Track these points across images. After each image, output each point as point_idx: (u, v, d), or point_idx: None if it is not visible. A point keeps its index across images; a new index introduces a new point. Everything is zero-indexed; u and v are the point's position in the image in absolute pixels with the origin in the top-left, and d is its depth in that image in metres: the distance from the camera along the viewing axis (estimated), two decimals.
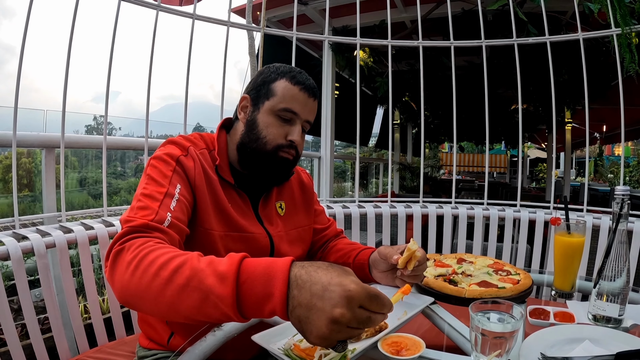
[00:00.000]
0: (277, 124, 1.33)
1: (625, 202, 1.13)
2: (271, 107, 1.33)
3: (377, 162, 11.10)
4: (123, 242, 0.99)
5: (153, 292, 0.88)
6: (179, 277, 0.86)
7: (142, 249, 0.94)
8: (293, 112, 1.33)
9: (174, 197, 1.16)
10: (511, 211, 2.71)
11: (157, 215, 1.09)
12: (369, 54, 5.81)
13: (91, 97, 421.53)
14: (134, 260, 0.92)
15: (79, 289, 2.78)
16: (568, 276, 1.38)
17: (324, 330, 0.74)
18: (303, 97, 1.34)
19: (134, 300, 0.93)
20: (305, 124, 1.39)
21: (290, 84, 1.34)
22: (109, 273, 0.97)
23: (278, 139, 1.33)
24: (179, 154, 1.26)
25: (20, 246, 1.65)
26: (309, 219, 1.60)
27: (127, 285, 0.92)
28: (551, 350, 0.96)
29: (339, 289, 0.75)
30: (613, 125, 11.12)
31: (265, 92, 1.35)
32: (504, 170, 22.12)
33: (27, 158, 9.47)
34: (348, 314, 0.74)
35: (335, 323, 0.74)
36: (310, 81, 1.38)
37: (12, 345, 1.59)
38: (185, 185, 1.23)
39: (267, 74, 1.38)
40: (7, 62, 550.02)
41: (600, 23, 2.90)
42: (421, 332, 1.01)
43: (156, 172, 1.21)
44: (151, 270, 0.89)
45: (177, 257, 0.89)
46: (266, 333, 0.99)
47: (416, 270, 1.26)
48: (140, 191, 1.17)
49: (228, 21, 2.62)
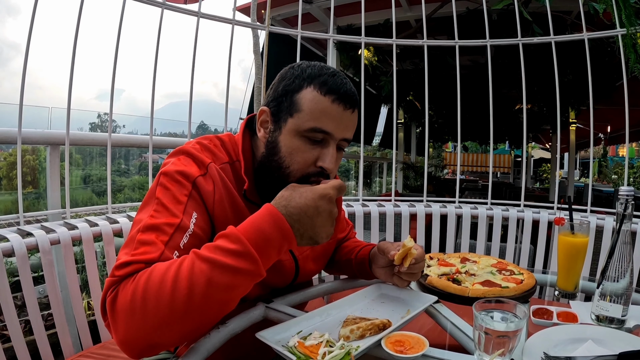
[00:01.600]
0: (304, 148, 1.07)
1: (630, 203, 1.13)
2: (296, 128, 1.06)
3: (381, 162, 11.08)
4: (114, 287, 0.87)
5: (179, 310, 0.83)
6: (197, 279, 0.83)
7: (137, 281, 0.85)
8: (325, 132, 1.06)
9: (187, 230, 0.97)
10: (515, 211, 2.70)
11: (161, 257, 0.91)
12: (374, 53, 5.80)
13: (95, 94, 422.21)
14: (136, 295, 0.83)
15: (83, 285, 2.79)
16: (571, 276, 1.38)
17: (330, 229, 1.00)
18: (338, 111, 1.06)
19: (156, 335, 0.84)
20: (342, 142, 1.11)
21: (319, 94, 1.05)
22: (113, 327, 0.85)
23: (305, 168, 1.08)
24: (197, 174, 1.04)
25: (25, 242, 1.65)
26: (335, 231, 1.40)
27: (140, 324, 0.83)
28: (554, 349, 0.96)
29: (312, 193, 0.97)
30: (617, 126, 11.10)
31: (287, 106, 1.08)
32: (508, 171, 22.07)
33: (31, 155, 9.50)
34: (329, 206, 0.98)
35: (330, 215, 0.98)
36: (348, 86, 1.09)
37: (16, 341, 1.60)
38: (202, 214, 1.03)
39: (289, 80, 1.10)
40: (12, 59, 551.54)
41: (606, 23, 2.89)
42: (424, 331, 1.01)
43: (168, 196, 1.00)
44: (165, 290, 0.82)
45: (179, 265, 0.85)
46: (270, 330, 0.99)
47: (412, 268, 1.22)
48: (148, 219, 0.96)
49: (233, 19, 2.62)
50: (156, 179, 1.05)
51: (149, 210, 0.98)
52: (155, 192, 1.01)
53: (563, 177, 13.01)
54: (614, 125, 11.47)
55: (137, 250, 0.91)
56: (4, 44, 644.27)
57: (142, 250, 0.91)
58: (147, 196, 1.04)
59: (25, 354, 1.62)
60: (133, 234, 0.95)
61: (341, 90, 1.06)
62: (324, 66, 1.11)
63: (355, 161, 11.43)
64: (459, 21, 2.92)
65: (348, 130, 1.10)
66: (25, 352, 1.62)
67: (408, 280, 1.28)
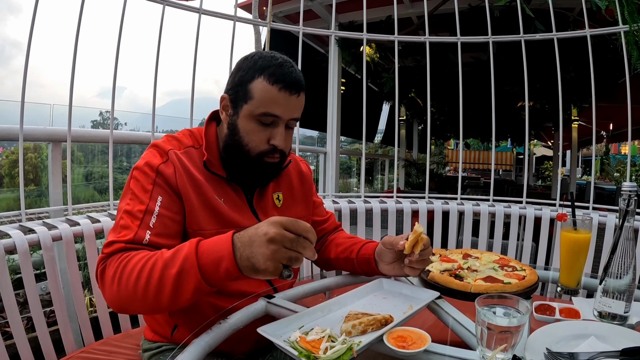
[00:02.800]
0: (258, 129, 1.26)
1: (632, 199, 1.12)
2: (250, 113, 1.25)
3: (382, 159, 11.08)
4: (104, 261, 1.11)
5: (139, 293, 1.04)
6: (154, 273, 1.03)
7: (120, 261, 1.08)
8: (274, 116, 1.24)
9: (153, 212, 1.17)
10: (517, 208, 2.70)
11: (135, 236, 1.13)
12: (375, 49, 5.79)
13: (97, 92, 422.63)
14: (116, 273, 1.06)
15: (85, 282, 2.79)
16: (574, 272, 1.38)
17: (266, 251, 0.94)
18: (284, 97, 1.24)
19: (125, 306, 1.10)
20: (291, 122, 1.30)
21: (268, 83, 1.22)
22: (101, 289, 1.11)
23: (260, 146, 1.27)
24: (159, 162, 1.24)
25: (27, 239, 1.66)
26: (307, 211, 1.57)
27: (116, 295, 1.07)
28: (557, 345, 0.96)
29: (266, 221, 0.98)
30: (620, 124, 11.07)
31: (243, 94, 1.25)
32: (510, 168, 22.05)
33: (33, 153, 9.52)
34: (278, 232, 0.95)
35: (271, 242, 0.95)
36: (293, 75, 1.25)
37: (18, 338, 1.60)
38: (168, 195, 1.22)
39: (244, 71, 1.27)
40: (14, 57, 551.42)
41: (608, 20, 2.88)
42: (427, 327, 1.01)
43: (138, 187, 1.21)
44: (132, 277, 1.04)
45: (149, 258, 1.06)
46: (272, 325, 0.99)
47: (423, 255, 1.24)
48: (124, 207, 1.19)
49: (234, 16, 2.62)
50: (130, 173, 1.26)
51: (126, 200, 1.21)
52: (129, 184, 1.23)
53: (565, 175, 13.00)
54: (616, 123, 11.43)
55: (119, 233, 1.15)
56: (6, 42, 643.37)
57: (122, 234, 1.14)
58: (125, 188, 1.26)
59: (27, 350, 1.62)
60: (117, 220, 1.20)
61: (287, 79, 1.23)
62: (274, 57, 1.27)
63: (357, 158, 11.43)
64: (461, 18, 2.91)
65: (295, 112, 1.29)
66: (27, 348, 1.62)
67: (420, 268, 1.29)
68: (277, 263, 0.95)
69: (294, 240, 0.97)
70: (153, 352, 1.41)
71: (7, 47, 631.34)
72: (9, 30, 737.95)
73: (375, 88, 7.74)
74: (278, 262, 0.95)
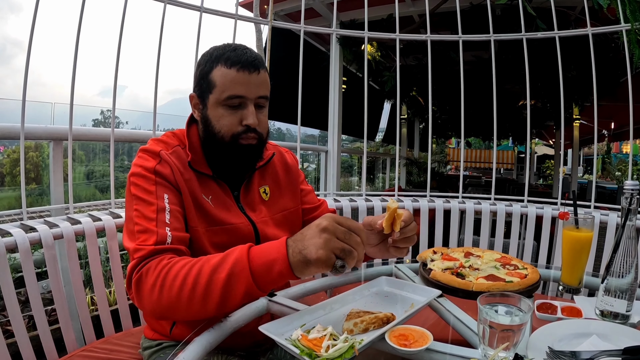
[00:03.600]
0: (226, 113, 1.28)
1: (635, 197, 1.12)
2: (216, 100, 1.28)
3: (384, 157, 11.09)
4: (139, 270, 1.09)
5: (184, 299, 1.03)
6: (201, 278, 1.02)
7: (160, 269, 1.06)
8: (239, 97, 1.27)
9: (165, 209, 1.18)
10: (518, 206, 2.69)
11: (158, 236, 1.13)
12: (377, 48, 5.80)
13: (98, 91, 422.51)
14: (157, 281, 1.05)
15: (86, 281, 2.79)
16: (576, 271, 1.37)
17: (318, 240, 0.95)
18: (243, 77, 1.26)
19: (167, 313, 1.09)
20: (260, 100, 1.31)
21: (226, 68, 1.26)
22: (137, 299, 1.10)
23: (233, 128, 1.29)
24: (154, 164, 1.25)
25: (28, 237, 1.65)
26: (295, 201, 1.57)
27: (157, 304, 1.06)
28: (559, 344, 0.95)
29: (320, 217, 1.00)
30: (621, 123, 11.07)
31: (206, 86, 1.30)
32: (511, 167, 22.02)
33: (34, 152, 9.53)
34: (331, 223, 0.97)
35: (324, 231, 0.96)
36: (247, 55, 1.28)
37: (20, 336, 1.60)
38: (171, 191, 1.23)
39: (203, 65, 1.31)
40: (15, 56, 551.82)
41: (610, 18, 2.88)
42: (428, 325, 1.01)
43: (140, 190, 1.21)
44: (177, 283, 1.03)
45: (194, 264, 1.05)
46: (274, 324, 0.99)
47: (405, 232, 1.24)
48: (134, 213, 1.18)
49: (236, 14, 2.62)
50: (127, 181, 1.26)
51: (132, 206, 1.20)
52: (131, 191, 1.23)
53: (567, 174, 13.00)
54: (617, 122, 11.43)
55: (139, 239, 1.13)
56: (7, 41, 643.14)
57: (143, 238, 1.13)
58: (126, 197, 1.27)
59: (28, 349, 1.62)
60: (131, 228, 1.18)
61: (242, 59, 1.26)
62: (227, 45, 1.32)
63: (358, 157, 11.44)
64: (463, 16, 2.91)
65: (259, 90, 1.30)
66: (28, 347, 1.62)
67: (406, 247, 1.28)
68: (329, 252, 0.95)
69: (347, 233, 0.98)
70: (153, 349, 1.42)
71: (9, 46, 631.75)
72: (10, 29, 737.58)
73: (376, 86, 7.75)
74: (331, 252, 0.95)
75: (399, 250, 1.28)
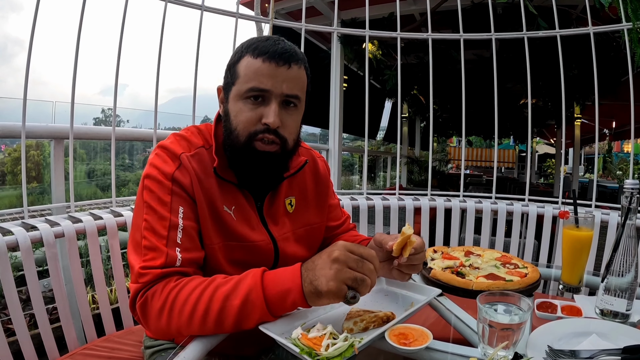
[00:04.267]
0: (246, 108, 1.13)
1: (635, 196, 1.12)
2: (238, 92, 1.14)
3: (385, 156, 11.08)
4: (144, 293, 1.04)
5: (195, 325, 1.00)
6: (214, 304, 0.98)
7: (167, 293, 1.01)
8: (261, 90, 1.12)
9: (178, 227, 1.09)
10: (519, 205, 2.69)
11: (167, 258, 1.05)
12: (378, 46, 5.78)
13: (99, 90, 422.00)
14: (164, 306, 1.01)
15: (87, 279, 2.80)
16: (576, 270, 1.38)
17: (329, 271, 0.93)
18: (269, 68, 1.11)
19: (176, 335, 1.07)
20: (288, 98, 1.15)
21: (252, 58, 1.12)
22: (143, 322, 1.06)
23: (250, 126, 1.14)
24: (173, 169, 1.13)
25: (29, 236, 1.66)
26: (321, 217, 1.44)
27: (166, 328, 1.02)
28: (559, 343, 0.96)
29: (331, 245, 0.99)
30: (623, 122, 11.04)
31: (231, 77, 1.17)
32: (512, 166, 22.01)
33: (35, 151, 9.53)
34: (342, 253, 0.95)
35: (335, 261, 0.94)
36: (280, 45, 1.14)
37: (21, 335, 1.61)
38: (187, 204, 1.13)
39: (233, 55, 1.20)
40: (17, 55, 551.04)
41: (611, 17, 2.87)
42: (428, 324, 1.01)
43: (154, 199, 1.10)
44: (187, 309, 0.99)
45: (205, 288, 1.00)
46: (274, 323, 0.99)
47: (412, 260, 1.15)
48: (143, 224, 1.09)
49: (237, 13, 2.62)
50: (141, 182, 1.15)
51: (142, 215, 1.11)
52: (143, 196, 1.13)
53: (568, 173, 12.98)
54: (619, 121, 11.40)
55: (146, 257, 1.06)
56: (8, 40, 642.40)
57: (150, 256, 1.06)
58: (137, 200, 1.16)
59: (30, 347, 1.63)
60: (138, 240, 1.10)
61: (271, 50, 1.12)
62: (260, 36, 1.22)
63: (359, 155, 11.43)
64: (464, 15, 2.91)
65: (289, 84, 1.14)
66: (30, 345, 1.63)
67: (409, 274, 1.21)
68: (340, 284, 0.92)
69: (359, 261, 0.95)
70: (155, 349, 1.41)
71: (10, 45, 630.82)
72: (11, 28, 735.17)
73: (377, 85, 7.73)
74: (342, 283, 0.93)
75: (402, 274, 1.20)
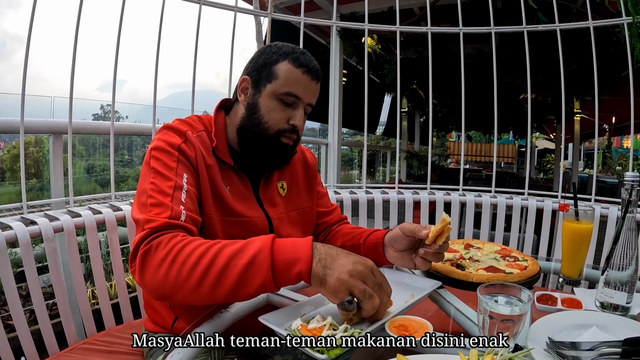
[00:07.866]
0: (279, 108, 1.30)
1: (635, 189, 1.12)
2: (273, 91, 1.29)
3: (384, 150, 11.08)
4: (148, 242, 1.03)
5: (193, 280, 0.97)
6: (219, 260, 0.97)
7: (173, 245, 1.01)
8: (296, 96, 1.30)
9: (182, 188, 1.16)
10: (519, 199, 2.69)
11: (172, 212, 1.09)
12: (377, 40, 5.78)
13: (97, 85, 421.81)
14: (168, 256, 1.00)
15: (87, 274, 2.80)
16: (576, 263, 1.37)
17: (344, 276, 0.92)
18: (306, 81, 1.31)
19: (168, 293, 1.01)
20: (307, 107, 1.36)
21: (293, 66, 1.29)
22: (139, 273, 1.03)
23: (280, 124, 1.31)
24: (179, 141, 1.24)
25: (29, 230, 1.65)
26: (311, 201, 1.57)
27: (162, 281, 1.00)
28: (559, 335, 0.95)
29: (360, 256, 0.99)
30: (622, 117, 11.03)
31: (267, 75, 1.31)
32: (512, 161, 22.02)
33: (34, 147, 9.52)
34: (365, 270, 0.95)
35: (353, 275, 0.93)
36: (314, 63, 1.34)
37: (21, 330, 1.60)
38: (191, 173, 1.22)
39: (268, 55, 1.33)
40: (16, 52, 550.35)
41: (611, 12, 2.86)
42: (428, 316, 1.01)
43: (161, 165, 1.19)
44: (190, 261, 0.98)
45: (213, 244, 1.01)
46: (273, 314, 0.99)
47: (442, 248, 1.20)
48: (149, 186, 1.15)
49: (235, 7, 2.61)
50: (147, 153, 1.23)
51: (148, 179, 1.17)
52: (150, 164, 1.20)
53: (567, 168, 12.98)
54: (618, 116, 11.38)
55: (151, 212, 1.09)
56: (7, 37, 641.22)
57: (156, 212, 1.09)
58: (143, 169, 1.23)
59: (30, 343, 1.63)
60: (144, 201, 1.14)
61: (310, 65, 1.32)
62: (296, 46, 1.36)
63: (358, 150, 11.43)
64: (464, 8, 2.90)
65: (313, 97, 1.36)
66: (30, 341, 1.63)
67: (433, 261, 1.25)
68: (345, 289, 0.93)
69: (375, 282, 0.96)
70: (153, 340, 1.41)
71: (9, 41, 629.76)
72: (9, 24, 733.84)
73: (376, 79, 7.73)
74: (347, 290, 0.93)
75: (425, 263, 1.24)
